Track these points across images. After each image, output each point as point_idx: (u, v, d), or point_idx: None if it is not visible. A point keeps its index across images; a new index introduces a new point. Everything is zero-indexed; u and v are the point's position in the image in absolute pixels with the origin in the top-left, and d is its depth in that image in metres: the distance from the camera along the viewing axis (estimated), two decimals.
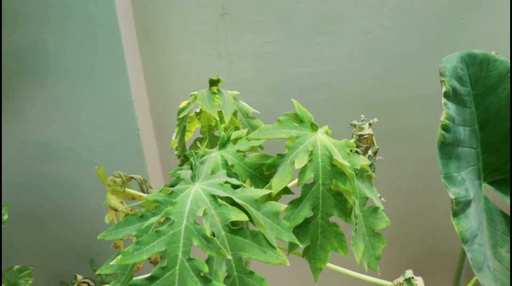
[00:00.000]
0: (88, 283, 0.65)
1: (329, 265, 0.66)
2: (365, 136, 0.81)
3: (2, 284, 1.05)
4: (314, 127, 0.66)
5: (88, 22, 1.04)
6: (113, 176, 0.81)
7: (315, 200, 0.63)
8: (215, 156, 0.67)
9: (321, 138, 0.65)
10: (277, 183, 0.61)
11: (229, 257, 0.48)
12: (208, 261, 0.50)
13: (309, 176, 0.62)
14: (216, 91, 0.80)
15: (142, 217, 0.53)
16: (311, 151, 0.63)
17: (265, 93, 1.22)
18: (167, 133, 1.21)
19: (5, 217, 1.01)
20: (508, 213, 1.04)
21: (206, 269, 0.48)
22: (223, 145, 0.69)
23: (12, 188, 1.16)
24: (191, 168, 0.55)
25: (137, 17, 1.16)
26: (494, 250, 1.02)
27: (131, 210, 0.79)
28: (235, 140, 0.71)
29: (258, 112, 0.84)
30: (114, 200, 0.77)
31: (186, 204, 0.51)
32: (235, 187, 0.55)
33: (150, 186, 0.84)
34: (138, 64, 1.15)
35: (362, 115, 0.83)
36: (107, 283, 1.12)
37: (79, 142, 1.11)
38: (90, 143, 1.11)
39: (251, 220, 0.57)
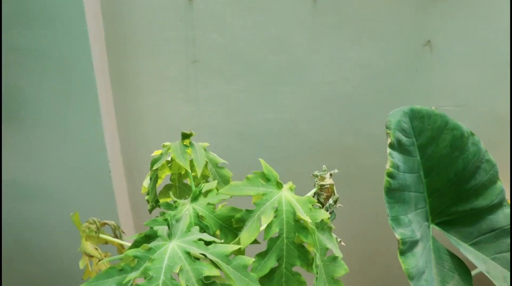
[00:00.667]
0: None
1: None
2: (326, 186, 0.89)
3: None
4: (279, 185, 0.73)
5: (64, 67, 1.08)
6: (87, 222, 0.85)
7: (280, 252, 0.69)
8: (187, 208, 0.73)
9: (285, 195, 0.72)
10: (245, 237, 0.67)
11: None
12: None
13: (274, 231, 0.68)
14: (188, 144, 0.86)
15: (122, 271, 0.58)
16: (277, 208, 0.70)
17: (231, 137, 1.29)
18: (137, 174, 1.25)
19: None
20: (454, 252, 1.13)
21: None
22: (195, 198, 0.75)
23: None
24: (168, 226, 0.60)
25: (111, 61, 1.21)
26: (442, 285, 1.11)
27: (105, 254, 0.83)
28: (206, 193, 0.77)
29: (227, 162, 0.90)
30: (89, 247, 0.81)
31: (163, 260, 0.56)
32: (208, 243, 0.61)
33: (123, 232, 0.88)
34: (110, 107, 1.19)
35: (324, 166, 0.91)
36: None
37: (50, 182, 1.13)
38: (61, 183, 1.14)
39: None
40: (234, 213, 0.73)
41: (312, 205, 0.73)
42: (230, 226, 0.73)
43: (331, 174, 0.91)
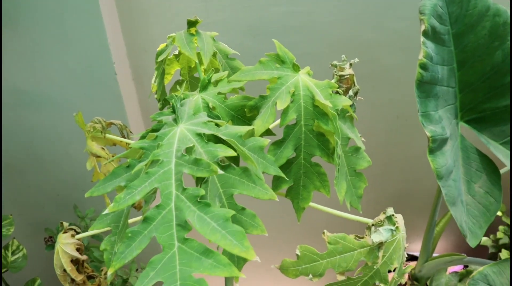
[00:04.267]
0: (74, 230, 0.65)
1: (311, 204, 0.68)
2: (346, 77, 0.81)
3: None
4: (296, 68, 0.65)
5: None
6: (92, 122, 0.79)
7: (297, 140, 0.63)
8: (196, 98, 0.66)
9: (303, 78, 0.64)
10: (259, 124, 0.61)
11: (221, 171, 0.48)
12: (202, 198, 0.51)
13: (291, 117, 0.62)
14: (194, 33, 0.78)
15: (129, 167, 0.53)
16: (293, 92, 0.63)
17: (243, 34, 1.19)
18: (145, 76, 1.18)
19: None
20: (483, 151, 1.07)
21: (202, 192, 0.48)
22: (204, 88, 0.68)
23: None
24: (173, 111, 0.54)
25: None
26: (468, 185, 1.06)
27: (113, 155, 0.79)
28: (216, 82, 0.70)
29: (238, 53, 0.82)
30: (95, 147, 0.76)
31: (173, 144, 0.51)
32: (218, 126, 0.55)
33: (130, 131, 0.83)
34: (111, 5, 1.09)
35: (343, 55, 0.82)
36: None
37: (54, 88, 1.07)
38: (66, 89, 1.08)
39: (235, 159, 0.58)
40: (246, 101, 0.67)
41: (332, 91, 0.66)
42: (243, 116, 0.67)
43: (351, 64, 0.83)
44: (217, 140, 0.55)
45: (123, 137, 0.83)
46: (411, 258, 1.86)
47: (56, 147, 1.15)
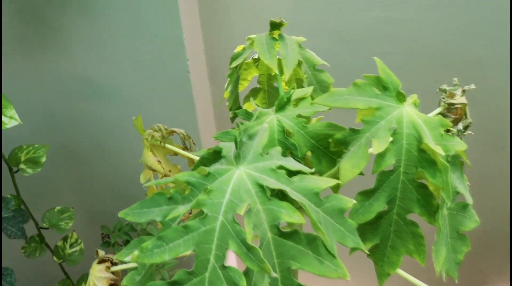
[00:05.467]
0: (111, 261, 0.57)
1: (398, 270, 0.53)
2: (456, 106, 0.65)
3: (44, 223, 1.02)
4: (400, 98, 0.50)
5: None
6: (152, 129, 0.70)
7: (392, 191, 0.49)
8: (270, 120, 0.55)
9: (408, 112, 0.50)
10: (347, 169, 0.47)
11: (274, 275, 0.36)
12: (247, 270, 0.39)
13: (389, 162, 0.48)
14: (277, 37, 0.65)
15: (171, 200, 0.42)
16: (395, 129, 0.48)
17: (331, 39, 1.05)
18: (221, 77, 1.07)
19: (43, 159, 0.95)
20: None
21: (243, 283, 0.37)
22: (281, 107, 0.56)
23: (52, 124, 1.09)
24: (235, 144, 0.42)
25: None
26: None
27: (170, 171, 0.69)
28: (297, 101, 0.58)
29: (327, 64, 0.69)
30: (151, 159, 0.67)
31: (225, 193, 0.39)
32: (292, 173, 0.43)
33: (194, 143, 0.73)
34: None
35: (455, 79, 0.66)
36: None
37: (123, 80, 1.01)
38: (135, 82, 1.01)
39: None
40: (332, 131, 0.54)
41: (445, 130, 0.50)
42: (326, 148, 0.54)
43: (464, 91, 0.66)
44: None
45: (185, 148, 0.73)
46: None
47: (121, 141, 1.09)
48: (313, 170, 0.44)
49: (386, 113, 0.49)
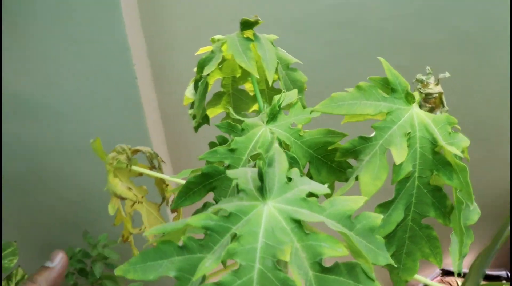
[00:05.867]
0: None
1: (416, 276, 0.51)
2: (433, 96, 0.64)
3: None
4: (409, 99, 0.47)
5: None
6: (114, 152, 0.62)
7: (408, 198, 0.46)
8: (262, 132, 0.49)
9: (418, 114, 0.47)
10: (368, 182, 0.43)
11: None
12: None
13: (407, 169, 0.44)
14: (251, 37, 0.59)
15: (184, 249, 0.35)
16: (409, 134, 0.45)
17: (284, 30, 1.00)
18: (166, 83, 0.98)
19: None
20: None
21: None
22: (272, 117, 0.51)
23: None
24: (260, 176, 0.36)
25: None
26: None
27: (142, 197, 0.61)
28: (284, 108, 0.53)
29: (300, 62, 0.64)
30: (119, 186, 0.59)
31: (258, 236, 0.33)
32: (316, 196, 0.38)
33: (162, 161, 0.65)
34: None
35: (428, 67, 0.64)
36: (105, 257, 0.96)
37: (59, 96, 0.88)
38: (72, 96, 0.89)
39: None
40: (331, 138, 0.50)
41: (452, 128, 0.48)
42: (325, 156, 0.50)
43: (438, 80, 0.65)
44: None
45: (153, 168, 0.65)
46: (446, 273, 1.71)
47: (62, 163, 0.97)
48: (327, 190, 0.39)
49: (397, 117, 0.46)
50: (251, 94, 0.72)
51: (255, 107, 0.72)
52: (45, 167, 0.98)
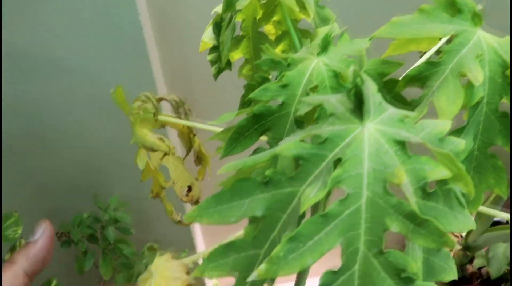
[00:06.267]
0: None
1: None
2: None
3: None
4: (476, 20, 0.44)
5: None
6: (139, 100, 0.57)
7: (476, 126, 0.44)
8: (315, 65, 0.46)
9: (485, 36, 0.43)
10: (444, 107, 0.40)
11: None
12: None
13: (479, 94, 0.42)
14: None
15: (269, 184, 0.32)
16: (481, 56, 0.42)
17: None
18: (169, 32, 0.91)
19: None
20: None
21: (412, 266, 0.29)
22: (324, 49, 0.47)
23: None
24: (358, 96, 0.32)
25: None
26: None
27: (174, 148, 0.57)
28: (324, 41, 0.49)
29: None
30: (149, 136, 0.54)
31: (362, 161, 0.30)
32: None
33: (189, 109, 0.61)
34: None
35: None
36: (117, 220, 0.92)
37: (64, 49, 0.81)
38: (79, 50, 0.81)
39: None
40: (387, 68, 0.46)
41: None
42: (381, 88, 0.46)
43: None
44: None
45: (178, 118, 0.60)
46: None
47: (67, 122, 0.90)
48: (413, 113, 0.36)
49: (466, 39, 0.42)
50: (271, 37, 0.68)
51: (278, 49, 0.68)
52: (49, 127, 0.91)
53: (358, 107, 0.32)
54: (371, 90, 0.33)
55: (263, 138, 0.47)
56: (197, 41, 0.99)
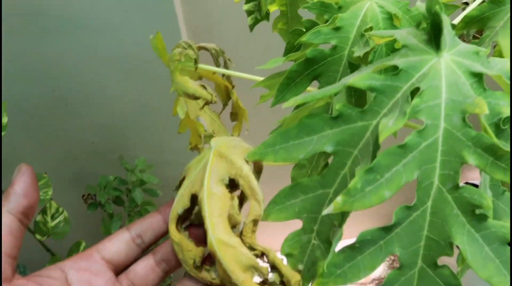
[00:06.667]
0: None
1: None
2: None
3: None
4: None
5: None
6: (179, 46, 0.55)
7: None
8: (369, 6, 0.44)
9: None
10: (509, 46, 0.38)
11: None
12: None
13: None
14: None
15: (339, 119, 0.31)
16: None
17: None
18: None
19: (5, 119, 0.73)
20: None
21: (487, 202, 0.28)
22: None
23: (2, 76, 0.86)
24: (432, 25, 0.30)
25: None
26: None
27: (216, 96, 0.55)
28: None
29: None
30: (191, 84, 0.53)
31: (440, 92, 0.29)
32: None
33: (229, 59, 0.59)
34: None
35: None
36: (143, 182, 0.92)
37: (87, 8, 0.79)
38: (101, 9, 0.79)
39: None
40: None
41: None
42: None
43: None
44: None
45: (217, 67, 0.59)
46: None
47: (90, 84, 0.89)
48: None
49: None
50: None
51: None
52: (70, 90, 0.90)
53: (434, 37, 0.30)
54: (447, 22, 0.31)
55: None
56: None
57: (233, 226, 0.34)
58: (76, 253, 0.94)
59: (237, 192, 0.36)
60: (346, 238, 0.31)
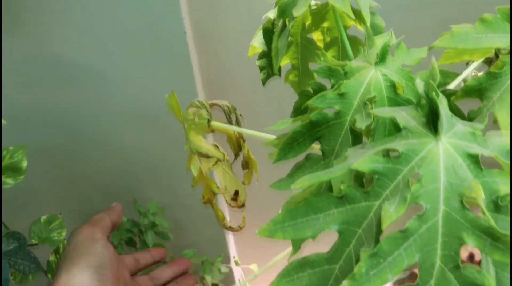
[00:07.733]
0: None
1: None
2: None
3: (32, 240, 0.85)
4: None
5: None
6: (192, 106, 0.58)
7: None
8: (373, 74, 0.46)
9: None
10: (506, 119, 0.40)
11: None
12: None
13: None
14: None
15: (344, 199, 0.32)
16: None
17: None
18: (205, 37, 0.93)
19: (23, 164, 0.76)
20: None
21: (489, 282, 0.29)
22: (382, 59, 0.47)
23: (19, 122, 0.89)
24: (434, 110, 0.33)
25: None
26: None
27: (228, 155, 0.58)
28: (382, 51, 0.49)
29: (379, 6, 0.60)
30: (204, 144, 0.55)
31: (438, 175, 0.31)
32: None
33: (240, 115, 0.62)
34: None
35: None
36: (154, 224, 0.94)
37: (104, 59, 0.82)
38: (119, 60, 0.83)
39: None
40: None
41: None
42: None
43: None
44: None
45: (229, 123, 0.61)
46: None
47: (105, 130, 0.92)
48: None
49: None
50: (319, 44, 0.68)
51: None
52: (87, 136, 0.93)
53: (431, 121, 0.32)
54: (444, 104, 0.33)
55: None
56: (235, 52, 0.99)
57: None
58: None
59: None
60: None
